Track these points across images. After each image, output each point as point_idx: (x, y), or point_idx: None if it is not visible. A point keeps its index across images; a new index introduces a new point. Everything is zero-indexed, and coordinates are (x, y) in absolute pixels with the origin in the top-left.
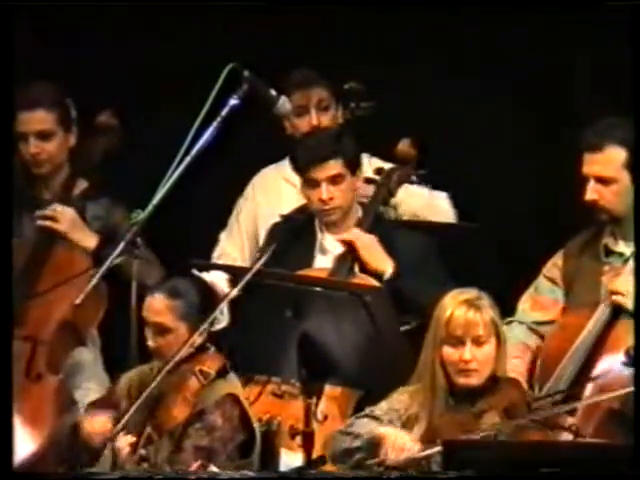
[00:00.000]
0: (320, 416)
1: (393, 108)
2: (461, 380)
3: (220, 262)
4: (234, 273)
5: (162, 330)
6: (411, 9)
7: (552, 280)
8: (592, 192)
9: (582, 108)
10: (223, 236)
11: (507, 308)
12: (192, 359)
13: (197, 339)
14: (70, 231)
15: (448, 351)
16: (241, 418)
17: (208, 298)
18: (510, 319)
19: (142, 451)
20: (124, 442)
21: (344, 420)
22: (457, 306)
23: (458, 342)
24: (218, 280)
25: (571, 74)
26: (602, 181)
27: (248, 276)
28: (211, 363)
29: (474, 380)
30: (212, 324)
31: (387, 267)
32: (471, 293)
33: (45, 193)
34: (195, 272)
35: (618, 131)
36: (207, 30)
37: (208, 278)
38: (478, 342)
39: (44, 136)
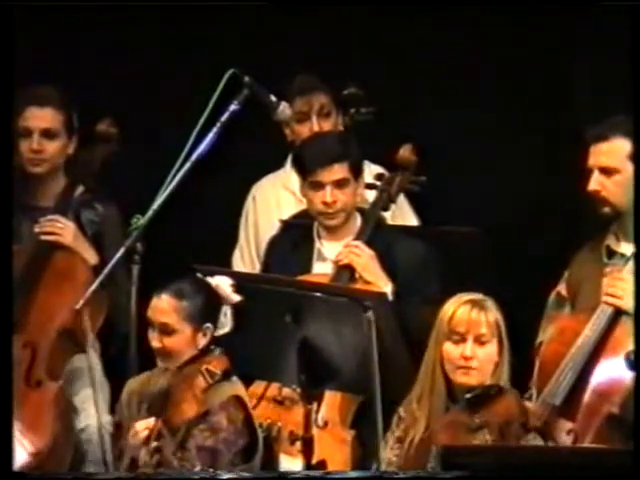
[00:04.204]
0: (320, 422)
1: (393, 114)
2: (460, 378)
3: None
4: (235, 277)
5: (167, 331)
6: (411, 14)
7: (559, 294)
8: (595, 183)
9: (582, 109)
10: (236, 257)
11: (508, 313)
12: (196, 360)
13: (202, 340)
14: (74, 245)
15: (449, 347)
16: (245, 421)
17: (213, 301)
18: None
19: (154, 443)
20: (140, 431)
21: (344, 426)
22: (461, 305)
23: (460, 339)
24: (223, 284)
25: (571, 74)
26: (606, 172)
27: None
28: (217, 363)
29: (473, 379)
30: (216, 328)
31: (385, 288)
32: (476, 295)
33: (43, 200)
34: (200, 276)
35: (624, 123)
36: (207, 36)
37: (213, 282)
38: (480, 341)
39: (49, 135)
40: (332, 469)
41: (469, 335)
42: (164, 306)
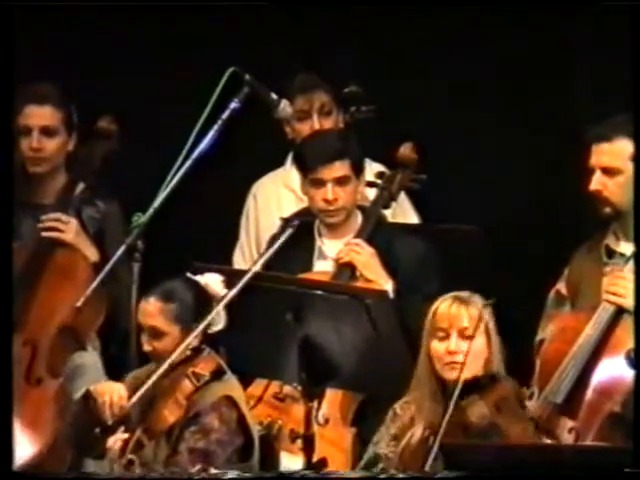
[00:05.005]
0: (321, 420)
1: (394, 112)
2: (449, 374)
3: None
4: (235, 276)
5: (157, 334)
6: (410, 14)
7: (558, 292)
8: (597, 183)
9: (583, 109)
10: (237, 255)
11: (508, 313)
12: (186, 361)
13: (192, 341)
14: (75, 242)
15: (435, 345)
16: (239, 421)
17: (202, 300)
18: None
19: (130, 455)
20: (113, 444)
21: (345, 424)
22: (443, 302)
23: (445, 335)
24: (212, 282)
25: (571, 74)
26: (608, 172)
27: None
28: (205, 365)
29: (462, 374)
30: (208, 326)
31: (386, 286)
32: (461, 293)
33: (44, 197)
34: (189, 274)
35: (626, 124)
36: (208, 34)
37: (202, 280)
38: (464, 335)
39: (48, 132)
40: (333, 467)
41: (452, 330)
42: (151, 309)
